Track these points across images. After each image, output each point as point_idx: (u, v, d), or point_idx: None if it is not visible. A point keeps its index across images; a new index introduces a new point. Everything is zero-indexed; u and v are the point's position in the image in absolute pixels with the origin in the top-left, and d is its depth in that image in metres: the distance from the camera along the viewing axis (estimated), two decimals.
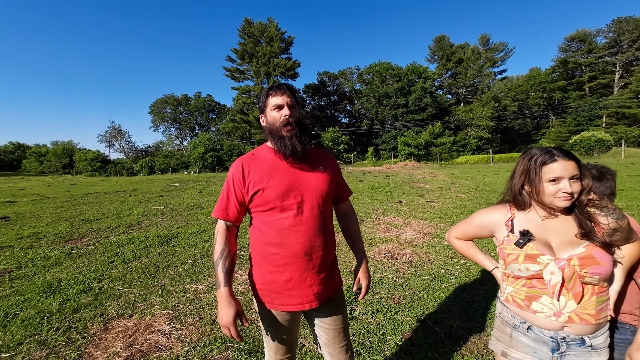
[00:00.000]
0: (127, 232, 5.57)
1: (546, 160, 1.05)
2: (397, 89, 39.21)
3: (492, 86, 43.97)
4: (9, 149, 58.97)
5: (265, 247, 1.22)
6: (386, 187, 11.74)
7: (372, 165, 32.80)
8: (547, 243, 1.06)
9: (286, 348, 1.32)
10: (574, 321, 1.02)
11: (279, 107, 1.24)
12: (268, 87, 1.28)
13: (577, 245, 1.02)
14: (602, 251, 1.00)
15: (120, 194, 10.95)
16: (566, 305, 1.02)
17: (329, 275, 1.30)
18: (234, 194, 1.24)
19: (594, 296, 1.02)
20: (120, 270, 3.71)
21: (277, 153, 1.26)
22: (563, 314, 1.03)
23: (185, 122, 58.27)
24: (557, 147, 1.09)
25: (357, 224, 1.52)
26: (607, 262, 0.99)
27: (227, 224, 1.26)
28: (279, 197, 1.19)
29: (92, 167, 42.43)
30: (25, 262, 4.05)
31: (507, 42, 45.35)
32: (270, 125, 1.26)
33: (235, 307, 1.16)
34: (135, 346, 2.25)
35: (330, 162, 1.37)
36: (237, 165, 1.26)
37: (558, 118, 39.16)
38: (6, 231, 5.67)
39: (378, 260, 3.94)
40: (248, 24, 39.40)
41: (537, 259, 1.05)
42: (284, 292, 1.22)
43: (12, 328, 2.49)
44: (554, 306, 1.04)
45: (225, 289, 1.17)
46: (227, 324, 1.14)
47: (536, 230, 1.08)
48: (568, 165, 1.02)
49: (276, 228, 1.20)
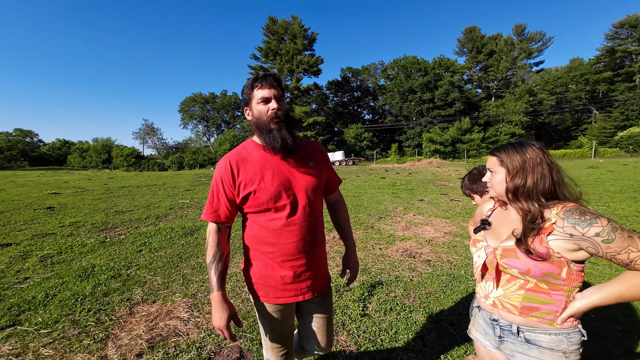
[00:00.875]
0: (155, 223, 5.89)
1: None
2: (423, 83, 38.00)
3: (526, 79, 41.22)
4: (56, 145, 64.48)
5: (259, 246, 1.23)
6: (408, 184, 11.45)
7: (395, 163, 32.13)
8: (500, 234, 1.12)
9: (282, 338, 1.33)
10: (497, 306, 1.10)
11: (266, 100, 1.18)
12: (253, 78, 1.21)
13: (512, 240, 1.05)
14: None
15: (151, 188, 11.59)
16: (492, 290, 1.11)
17: (321, 269, 1.33)
18: (223, 194, 1.20)
19: (522, 290, 1.03)
20: (147, 259, 3.94)
21: (266, 148, 1.21)
22: (489, 297, 1.12)
23: (212, 120, 60.33)
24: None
25: (346, 213, 1.54)
26: (526, 260, 0.99)
27: (219, 225, 1.23)
28: (271, 199, 1.17)
29: (127, 162, 45.27)
30: (65, 248, 4.41)
31: (545, 32, 42.14)
32: (256, 120, 1.20)
33: (229, 310, 1.17)
34: (156, 330, 2.38)
35: (320, 156, 1.34)
36: (224, 165, 1.20)
37: (602, 112, 35.92)
38: (50, 220, 6.21)
39: (395, 258, 3.87)
40: (272, 21, 39.88)
41: (477, 243, 1.19)
42: (278, 287, 1.24)
43: (51, 307, 2.73)
44: (484, 289, 1.15)
45: (219, 293, 1.16)
46: (221, 327, 1.15)
47: (499, 222, 1.15)
48: (488, 159, 1.13)
49: (270, 228, 1.19)
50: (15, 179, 17.77)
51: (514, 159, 1.03)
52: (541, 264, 0.96)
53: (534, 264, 0.97)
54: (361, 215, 6.29)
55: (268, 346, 1.35)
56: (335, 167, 27.15)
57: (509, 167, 1.04)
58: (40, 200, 8.66)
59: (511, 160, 1.03)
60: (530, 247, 0.98)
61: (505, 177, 1.05)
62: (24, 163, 51.86)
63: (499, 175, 1.07)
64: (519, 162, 1.02)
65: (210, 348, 2.16)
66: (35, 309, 2.70)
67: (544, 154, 1.02)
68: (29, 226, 5.72)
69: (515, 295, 1.05)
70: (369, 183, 12.20)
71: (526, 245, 0.98)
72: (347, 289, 3.02)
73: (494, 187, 1.10)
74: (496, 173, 1.08)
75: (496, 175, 1.08)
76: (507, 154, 1.05)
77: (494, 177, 1.09)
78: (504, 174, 1.05)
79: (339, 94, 50.63)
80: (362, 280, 3.17)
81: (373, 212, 6.64)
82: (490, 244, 1.12)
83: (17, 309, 2.69)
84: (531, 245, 0.98)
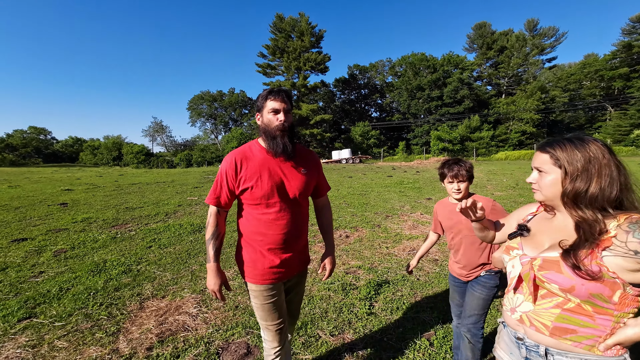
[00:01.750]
0: (164, 220, 5.99)
1: None
2: (432, 80, 37.52)
3: (538, 76, 40.26)
4: (68, 142, 65.95)
5: (252, 235, 1.43)
6: (416, 183, 11.37)
7: (403, 161, 31.88)
8: (541, 243, 0.97)
9: (274, 314, 1.47)
10: (524, 322, 0.97)
11: (276, 111, 1.37)
12: (268, 90, 1.40)
13: (556, 250, 0.90)
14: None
15: (160, 185, 11.77)
16: (522, 304, 0.98)
17: (301, 255, 1.55)
18: (226, 185, 1.41)
19: (557, 309, 0.89)
20: (156, 255, 4.01)
21: (269, 152, 1.41)
22: (517, 311, 0.99)
23: (219, 118, 60.75)
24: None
25: (331, 217, 1.71)
26: (571, 275, 0.83)
27: (219, 209, 1.44)
28: (264, 195, 1.37)
29: (137, 159, 46.01)
30: (78, 243, 4.52)
31: (559, 27, 41.04)
32: (265, 126, 1.39)
33: (221, 277, 1.44)
34: (165, 325, 2.43)
35: (313, 164, 1.54)
36: (230, 160, 1.39)
37: (618, 110, 34.88)
38: (64, 215, 6.38)
39: (402, 257, 3.85)
40: (280, 19, 39.82)
41: (510, 251, 1.05)
42: (265, 270, 1.43)
43: (65, 301, 2.81)
44: (511, 301, 1.02)
45: (215, 264, 1.43)
46: (215, 290, 1.42)
47: (540, 229, 1.00)
48: (534, 156, 0.97)
49: (262, 220, 1.40)
50: (30, 176, 18.26)
51: (574, 158, 0.86)
52: (590, 283, 0.81)
53: (581, 281, 0.82)
54: (368, 214, 6.27)
55: (263, 326, 1.50)
56: (342, 165, 27.13)
57: (567, 168, 0.87)
58: (54, 197, 8.89)
59: (570, 158, 0.86)
60: (581, 262, 0.82)
61: (559, 179, 0.89)
62: (38, 160, 53.26)
63: (551, 176, 0.90)
64: (581, 161, 0.85)
65: (218, 343, 2.20)
66: (50, 302, 2.78)
67: (610, 153, 0.85)
68: (44, 221, 5.88)
69: (548, 314, 0.91)
70: (375, 181, 12.14)
71: (576, 259, 0.83)
72: (353, 287, 3.02)
73: (542, 189, 0.94)
74: (547, 173, 0.91)
75: (546, 176, 0.92)
76: (564, 150, 0.88)
77: (543, 178, 0.93)
78: (558, 175, 0.89)
79: (346, 92, 50.35)
80: (369, 279, 3.17)
81: (380, 210, 6.61)
82: (527, 253, 0.98)
83: (33, 302, 2.77)
84: (582, 261, 0.82)
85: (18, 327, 2.40)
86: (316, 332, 2.33)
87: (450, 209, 1.79)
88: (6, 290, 3.04)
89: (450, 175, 1.68)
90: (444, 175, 1.72)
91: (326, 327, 2.39)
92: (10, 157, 45.84)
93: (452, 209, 1.78)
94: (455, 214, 1.75)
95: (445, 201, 1.86)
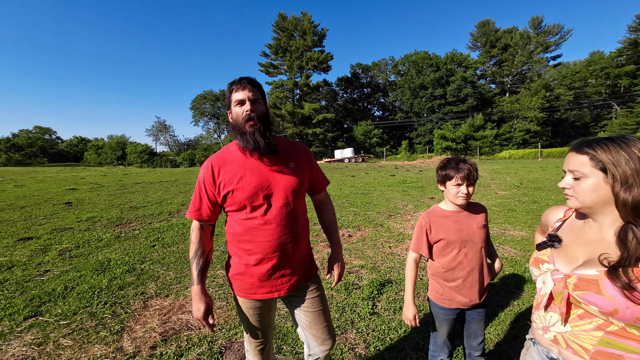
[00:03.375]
0: (168, 219, 6.02)
1: None
2: (435, 79, 37.33)
3: (543, 74, 39.90)
4: (73, 142, 66.53)
5: (239, 244, 1.28)
6: (418, 182, 11.33)
7: (406, 160, 31.78)
8: (575, 256, 0.87)
9: (260, 334, 1.38)
10: (559, 343, 0.88)
11: (241, 103, 1.23)
12: (230, 82, 1.26)
13: (593, 267, 0.81)
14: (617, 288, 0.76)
15: (164, 184, 11.83)
16: (556, 323, 0.88)
17: (300, 265, 1.34)
18: (205, 195, 1.27)
19: (599, 332, 0.79)
20: (160, 254, 4.04)
21: (243, 150, 1.26)
22: (550, 331, 0.90)
23: (222, 117, 60.88)
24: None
25: (333, 214, 1.53)
26: (613, 296, 0.75)
27: (201, 223, 1.30)
28: (248, 198, 1.22)
29: (141, 159, 46.25)
30: (83, 242, 4.56)
31: (564, 24, 40.72)
32: (234, 122, 1.25)
33: (206, 303, 1.25)
34: (169, 324, 2.44)
35: (302, 157, 1.36)
36: (207, 167, 1.27)
37: (624, 108, 34.47)
38: (69, 215, 6.43)
39: (404, 256, 3.84)
40: (282, 18, 39.81)
41: (540, 264, 0.94)
42: (254, 283, 1.28)
43: (70, 299, 2.83)
44: (543, 319, 0.92)
45: (198, 287, 1.25)
46: (198, 318, 1.24)
47: (572, 239, 0.90)
48: (569, 157, 0.87)
49: (247, 227, 1.24)
50: (35, 175, 18.44)
51: (620, 160, 0.76)
52: (636, 306, 0.72)
53: (626, 304, 0.72)
54: (370, 213, 6.26)
55: (246, 338, 1.42)
56: (344, 164, 27.06)
57: (613, 172, 0.77)
58: (59, 196, 8.97)
59: (616, 160, 0.76)
60: (634, 282, 0.73)
61: (602, 184, 0.79)
62: (43, 159, 53.73)
63: (590, 181, 0.81)
64: (632, 164, 0.75)
65: (221, 342, 2.20)
66: (55, 301, 2.80)
67: None
68: (49, 220, 5.93)
69: (588, 337, 0.81)
70: (378, 180, 12.11)
71: (628, 279, 0.73)
72: (356, 286, 3.01)
73: (579, 195, 0.84)
74: (586, 177, 0.82)
75: (585, 181, 0.82)
76: (606, 151, 0.78)
77: (580, 183, 0.83)
78: (600, 180, 0.79)
79: (349, 91, 50.28)
80: (372, 279, 3.17)
81: (382, 209, 6.60)
82: (559, 268, 0.88)
83: (38, 300, 2.80)
84: (635, 281, 0.73)
85: (24, 325, 2.43)
86: None
87: (456, 218, 1.46)
88: (12, 288, 3.07)
89: (460, 177, 1.40)
90: (449, 176, 1.43)
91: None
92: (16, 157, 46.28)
93: (459, 218, 1.46)
94: (464, 223, 1.46)
95: (439, 210, 1.52)
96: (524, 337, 2.22)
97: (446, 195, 1.49)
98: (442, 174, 1.47)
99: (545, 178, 11.48)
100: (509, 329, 2.33)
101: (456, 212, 1.48)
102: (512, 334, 2.28)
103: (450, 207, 1.50)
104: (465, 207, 1.49)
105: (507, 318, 2.47)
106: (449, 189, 1.46)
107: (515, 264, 3.52)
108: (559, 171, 14.09)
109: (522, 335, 2.25)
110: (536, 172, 13.74)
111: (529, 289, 2.92)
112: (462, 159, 1.46)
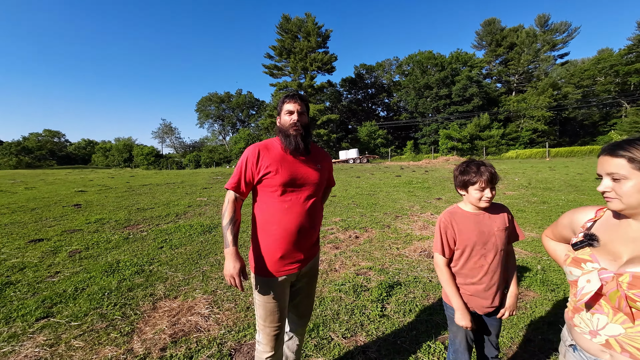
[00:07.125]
0: (175, 220, 6.06)
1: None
2: (440, 79, 37.08)
3: (550, 72, 39.35)
4: (81, 145, 67.64)
5: (266, 224, 1.46)
6: (425, 182, 11.24)
7: (411, 160, 31.61)
8: (618, 254, 0.86)
9: (278, 317, 1.49)
10: (612, 348, 0.84)
11: (291, 112, 1.51)
12: (285, 95, 1.55)
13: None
14: None
15: (170, 186, 11.93)
16: (606, 326, 0.85)
17: (313, 247, 1.59)
18: (246, 172, 1.47)
19: None
20: (168, 256, 4.06)
21: (285, 148, 1.51)
22: (600, 334, 0.86)
23: (227, 119, 61.32)
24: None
25: (327, 195, 1.85)
26: None
27: (237, 195, 1.49)
28: (284, 183, 1.44)
29: (147, 161, 46.82)
30: (92, 244, 4.61)
31: (571, 22, 39.99)
32: (281, 126, 1.53)
33: (240, 262, 1.40)
34: (178, 325, 2.45)
35: (327, 162, 1.68)
36: (254, 149, 1.49)
37: (634, 106, 33.79)
38: (78, 216, 6.52)
39: (413, 258, 3.80)
40: (286, 20, 39.95)
41: (582, 264, 0.91)
42: (276, 261, 1.45)
43: (80, 301, 2.86)
44: (589, 323, 0.89)
45: (233, 248, 1.41)
46: (234, 274, 1.38)
47: (612, 237, 0.89)
48: (604, 161, 0.87)
49: (277, 208, 1.45)
50: (45, 177, 18.75)
51: None
52: None
53: None
54: (377, 214, 6.22)
55: (260, 326, 1.51)
56: (349, 164, 27.04)
57: None
58: (68, 198, 9.10)
59: None
60: None
61: None
62: (52, 162, 54.69)
63: (632, 182, 0.81)
64: None
65: (230, 345, 2.20)
66: (66, 302, 2.83)
67: None
68: (59, 222, 6.02)
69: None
70: (384, 181, 12.05)
71: None
72: (365, 288, 2.99)
73: (623, 197, 0.83)
74: (627, 179, 0.82)
75: (627, 182, 0.82)
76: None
77: (622, 185, 0.83)
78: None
79: (353, 91, 50.22)
80: (380, 281, 3.14)
81: (389, 210, 6.55)
82: (606, 267, 0.87)
83: (50, 302, 2.83)
84: None
85: (36, 326, 2.45)
86: (328, 334, 2.31)
87: (477, 219, 1.43)
88: (24, 289, 3.11)
89: (484, 181, 1.35)
90: (471, 181, 1.39)
91: (338, 329, 2.37)
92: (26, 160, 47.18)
93: (480, 219, 1.43)
94: (486, 224, 1.42)
95: (460, 211, 1.48)
96: (537, 341, 2.18)
97: (467, 199, 1.46)
98: (463, 179, 1.42)
99: (554, 178, 11.31)
100: (523, 333, 2.29)
101: (477, 214, 1.45)
102: (526, 338, 2.23)
103: (470, 209, 1.47)
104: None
105: (520, 321, 2.42)
106: (471, 194, 1.41)
107: (526, 265, 3.46)
108: (568, 171, 13.86)
109: (535, 339, 2.21)
110: (544, 172, 13.55)
111: (541, 291, 2.87)
112: (480, 162, 1.42)
